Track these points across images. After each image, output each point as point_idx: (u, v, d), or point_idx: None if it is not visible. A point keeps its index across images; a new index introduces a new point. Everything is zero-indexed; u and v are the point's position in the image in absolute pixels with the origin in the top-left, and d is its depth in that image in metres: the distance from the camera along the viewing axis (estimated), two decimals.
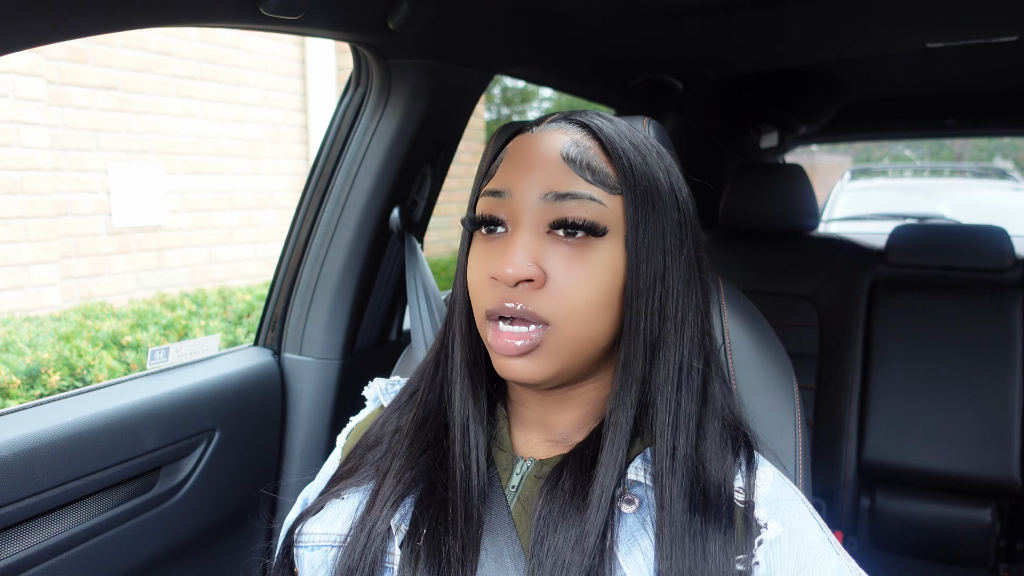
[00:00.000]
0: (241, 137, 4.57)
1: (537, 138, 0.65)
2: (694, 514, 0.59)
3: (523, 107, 10.36)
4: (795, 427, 0.88)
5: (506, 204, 0.63)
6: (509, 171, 0.64)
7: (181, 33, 4.16)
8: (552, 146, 0.63)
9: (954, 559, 1.98)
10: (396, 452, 0.70)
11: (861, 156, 14.56)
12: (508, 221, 0.64)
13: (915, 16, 1.47)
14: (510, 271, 0.60)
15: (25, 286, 3.46)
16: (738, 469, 0.64)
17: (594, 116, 0.66)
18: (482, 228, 0.65)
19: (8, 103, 3.34)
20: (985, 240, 2.10)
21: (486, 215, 0.65)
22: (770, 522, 0.61)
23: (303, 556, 0.71)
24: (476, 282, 0.65)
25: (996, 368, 1.97)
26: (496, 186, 0.65)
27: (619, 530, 0.61)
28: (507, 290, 0.61)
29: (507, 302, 0.61)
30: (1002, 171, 6.27)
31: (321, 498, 0.73)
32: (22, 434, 0.94)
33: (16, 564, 0.92)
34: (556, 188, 0.61)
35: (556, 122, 0.66)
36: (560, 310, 0.61)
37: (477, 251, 0.66)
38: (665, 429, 0.63)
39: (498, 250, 0.63)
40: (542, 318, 0.61)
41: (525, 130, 0.68)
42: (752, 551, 0.60)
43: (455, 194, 5.58)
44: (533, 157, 0.63)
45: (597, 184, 0.62)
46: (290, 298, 1.39)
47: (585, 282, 0.61)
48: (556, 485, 0.63)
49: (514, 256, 0.60)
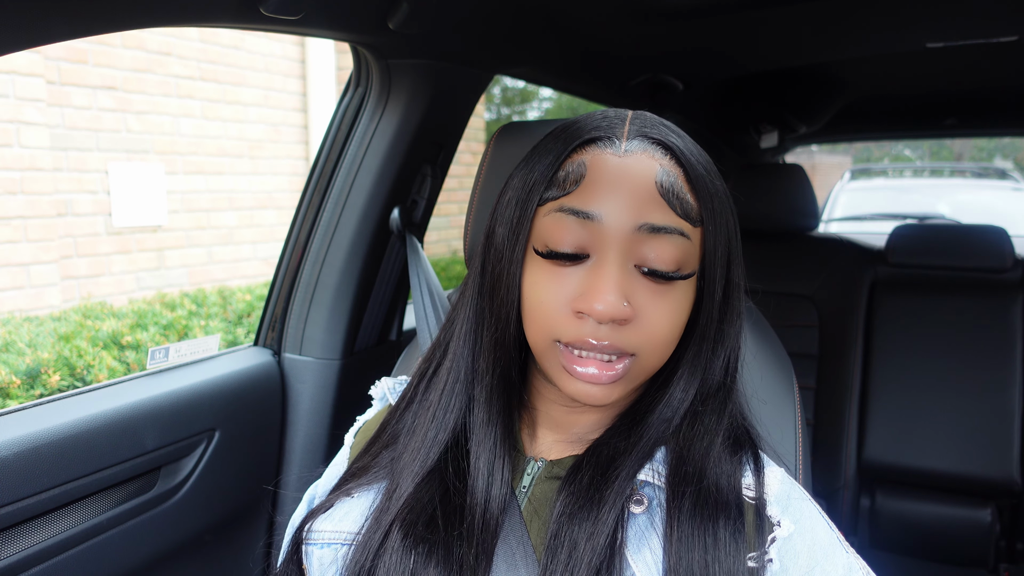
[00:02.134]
0: (241, 137, 4.57)
1: (625, 160, 0.60)
2: (703, 513, 0.60)
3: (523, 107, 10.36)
4: (795, 427, 0.88)
5: (594, 228, 0.59)
6: (598, 193, 0.59)
7: (181, 33, 4.16)
8: (644, 172, 0.60)
9: (954, 559, 1.98)
10: (410, 453, 0.69)
11: (861, 156, 14.56)
12: (592, 248, 0.60)
13: (915, 16, 1.47)
14: (602, 308, 0.57)
15: (25, 286, 3.46)
16: (746, 468, 0.65)
17: (670, 134, 0.62)
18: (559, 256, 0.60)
19: (8, 103, 3.34)
20: (985, 240, 2.10)
21: (576, 247, 0.60)
22: (783, 520, 0.62)
23: (312, 554, 0.71)
24: (549, 309, 0.61)
25: (996, 368, 1.97)
26: (584, 206, 0.59)
27: (628, 529, 0.62)
28: (593, 325, 0.59)
29: (593, 339, 0.59)
30: (1002, 171, 6.27)
31: (331, 496, 0.72)
32: (22, 434, 0.94)
33: (16, 564, 0.92)
34: (651, 220, 0.59)
35: (639, 141, 0.62)
36: (646, 343, 0.61)
37: (546, 274, 0.61)
38: (688, 433, 0.64)
39: (582, 281, 0.60)
40: (629, 352, 0.60)
41: (599, 140, 0.62)
42: (765, 548, 0.60)
43: (455, 194, 5.59)
44: (625, 181, 0.59)
45: (684, 217, 0.60)
46: (290, 298, 1.39)
47: (670, 315, 0.61)
48: (575, 482, 0.63)
49: (608, 294, 0.58)
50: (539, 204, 0.62)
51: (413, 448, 0.69)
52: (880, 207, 4.67)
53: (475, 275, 0.68)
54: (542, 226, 0.61)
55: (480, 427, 0.67)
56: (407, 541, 0.64)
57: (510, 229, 0.63)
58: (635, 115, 0.64)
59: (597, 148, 0.61)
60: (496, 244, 0.65)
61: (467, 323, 0.69)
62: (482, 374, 0.67)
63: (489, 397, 0.67)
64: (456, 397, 0.69)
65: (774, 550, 0.60)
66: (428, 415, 0.70)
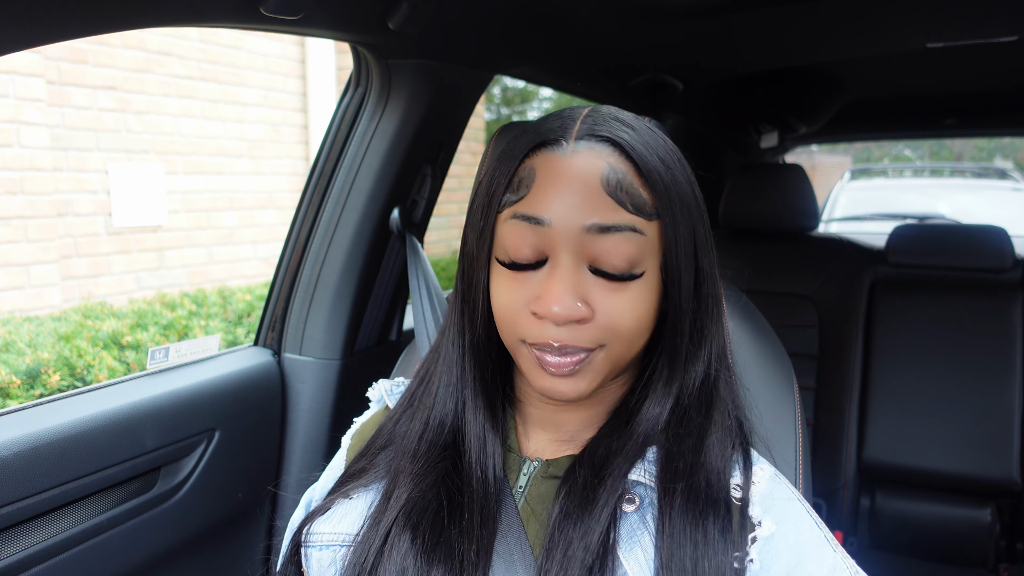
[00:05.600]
0: (241, 137, 4.57)
1: (571, 161, 0.60)
2: (694, 510, 0.60)
3: (523, 107, 10.36)
4: (795, 427, 0.88)
5: (545, 232, 0.59)
6: (546, 197, 0.60)
7: (181, 33, 4.16)
8: (590, 172, 0.59)
9: (954, 559, 1.98)
10: (408, 454, 0.70)
11: (861, 156, 14.56)
12: (547, 251, 0.60)
13: (915, 16, 1.47)
14: (557, 310, 0.58)
15: (25, 286, 3.46)
16: (735, 465, 0.65)
17: (619, 129, 0.62)
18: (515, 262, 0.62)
19: (8, 103, 3.34)
20: (985, 240, 2.10)
21: (532, 256, 0.60)
22: (764, 520, 0.62)
23: (311, 555, 0.71)
24: (510, 312, 0.62)
25: (996, 368, 1.97)
26: (533, 211, 0.60)
27: (621, 528, 0.62)
28: (553, 327, 0.60)
29: (553, 340, 0.60)
30: (1002, 171, 6.27)
31: (329, 498, 0.73)
32: (22, 434, 0.94)
33: (16, 564, 0.92)
34: (599, 220, 0.59)
35: (586, 141, 0.61)
36: (607, 335, 0.61)
37: (507, 278, 0.62)
38: (677, 430, 0.65)
39: (539, 283, 0.60)
40: (590, 348, 0.61)
41: (548, 143, 0.62)
42: (746, 548, 0.61)
43: (455, 194, 5.58)
44: (571, 183, 0.59)
45: (636, 213, 0.60)
46: (290, 298, 1.40)
47: (630, 309, 0.61)
48: (572, 482, 0.64)
49: (563, 296, 0.58)
50: (498, 211, 0.63)
51: (411, 449, 0.70)
52: (880, 207, 4.67)
53: (457, 281, 0.70)
54: (502, 233, 0.62)
55: (470, 426, 0.69)
56: (409, 540, 0.64)
57: (477, 235, 0.64)
58: (588, 112, 0.64)
59: (546, 151, 0.62)
60: (467, 251, 0.67)
61: (454, 327, 0.71)
62: (467, 376, 0.70)
63: (475, 397, 0.69)
64: (449, 399, 0.70)
65: (755, 550, 0.60)
66: (423, 417, 0.71)
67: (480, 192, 0.65)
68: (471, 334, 0.68)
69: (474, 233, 0.65)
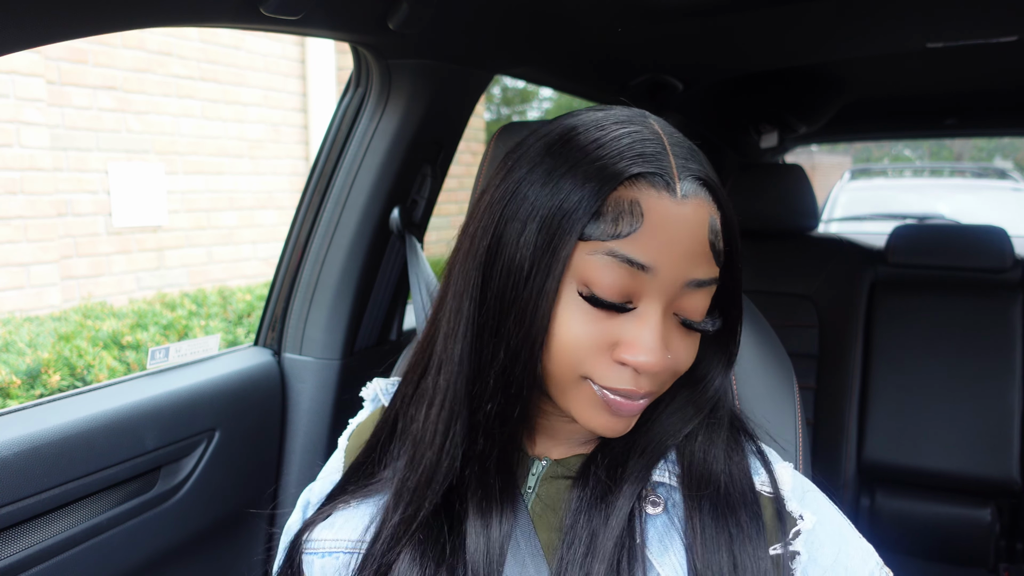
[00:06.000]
0: (241, 137, 4.57)
1: (682, 210, 0.56)
2: (724, 513, 0.61)
3: (523, 107, 10.36)
4: (795, 427, 0.88)
5: (645, 280, 0.56)
6: (656, 245, 0.55)
7: (181, 33, 4.16)
8: (699, 226, 0.57)
9: (954, 559, 1.99)
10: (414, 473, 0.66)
11: (861, 156, 14.56)
12: (638, 296, 0.57)
13: (915, 16, 1.47)
14: (650, 362, 0.56)
15: (25, 286, 3.46)
16: (754, 462, 0.67)
17: (706, 168, 0.60)
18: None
19: (8, 103, 3.34)
20: (985, 240, 2.10)
21: (619, 299, 0.56)
22: (804, 513, 0.63)
23: (313, 563, 0.70)
24: (581, 348, 0.57)
25: (996, 368, 1.97)
26: (639, 257, 0.55)
27: (648, 531, 0.62)
28: (633, 374, 0.58)
29: (633, 386, 0.58)
30: (1002, 171, 6.27)
31: (329, 506, 0.71)
32: (22, 434, 0.94)
33: (16, 564, 0.92)
34: (701, 276, 0.58)
35: (691, 184, 0.57)
36: (671, 377, 0.62)
37: (587, 315, 0.57)
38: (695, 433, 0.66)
39: (627, 329, 0.57)
40: (656, 390, 0.61)
41: (650, 178, 0.56)
42: (788, 542, 0.62)
43: (455, 194, 5.58)
44: (683, 236, 0.56)
45: (718, 264, 0.60)
46: (290, 298, 1.40)
47: (692, 352, 0.62)
48: (589, 477, 0.64)
49: (657, 348, 0.56)
50: (580, 237, 0.56)
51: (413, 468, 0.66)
52: (880, 207, 4.67)
53: (472, 289, 0.61)
54: (584, 265, 0.56)
55: (476, 459, 0.63)
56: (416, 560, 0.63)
57: (538, 256, 0.57)
58: (669, 139, 0.59)
59: (651, 189, 0.56)
60: (510, 266, 0.58)
61: (461, 341, 0.62)
62: (482, 401, 0.62)
63: (488, 426, 0.62)
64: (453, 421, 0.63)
65: (800, 543, 0.61)
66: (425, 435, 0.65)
67: (533, 203, 0.58)
68: (507, 362, 0.59)
69: (528, 251, 0.57)
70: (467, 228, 0.64)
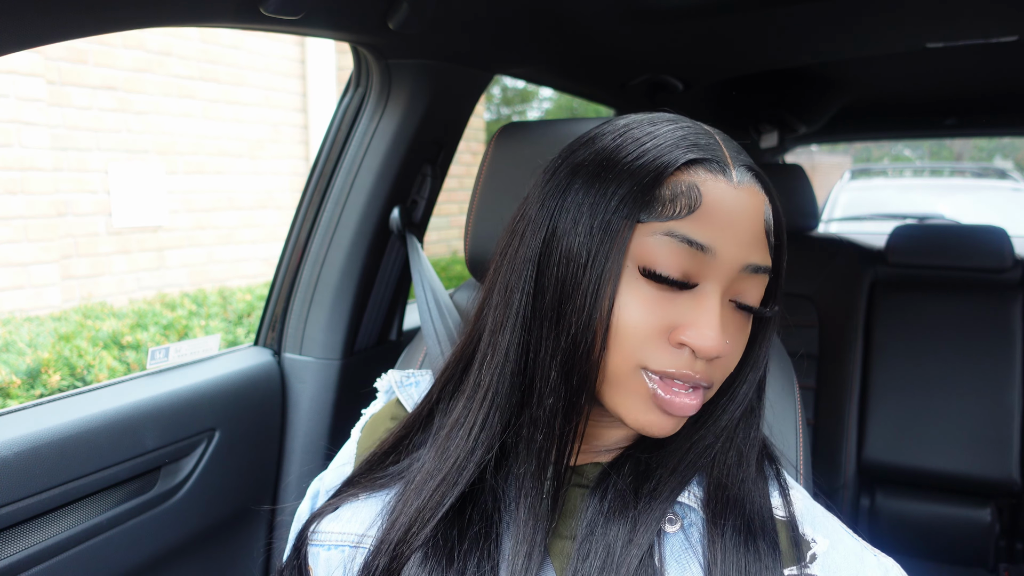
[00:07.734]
0: (241, 137, 4.57)
1: (739, 194, 0.58)
2: (744, 536, 0.60)
3: (523, 107, 10.37)
4: (795, 427, 0.88)
5: (704, 260, 0.56)
6: (715, 226, 0.56)
7: (181, 33, 4.16)
8: (756, 210, 0.58)
9: (954, 559, 1.99)
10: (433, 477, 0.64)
11: (861, 156, 14.56)
12: (698, 278, 0.57)
13: (915, 16, 1.47)
14: (709, 345, 0.55)
15: (25, 286, 3.46)
16: (772, 486, 0.66)
17: (757, 164, 0.62)
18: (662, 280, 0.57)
19: (8, 103, 3.34)
20: (985, 240, 2.10)
21: (683, 276, 0.56)
22: (816, 536, 0.63)
23: (319, 555, 0.69)
24: (641, 332, 0.57)
25: (996, 368, 1.97)
26: (699, 237, 0.56)
27: (666, 550, 0.61)
28: (690, 358, 0.57)
29: (690, 370, 0.57)
30: (1002, 171, 6.27)
31: (338, 497, 0.70)
32: (22, 434, 0.94)
33: (16, 564, 0.92)
34: (757, 261, 0.58)
35: (745, 172, 0.59)
36: (722, 376, 0.61)
37: (647, 297, 0.57)
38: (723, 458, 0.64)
39: (687, 311, 0.57)
40: (711, 384, 0.60)
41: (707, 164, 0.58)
42: (804, 565, 0.61)
43: (455, 194, 5.59)
44: (741, 218, 0.57)
45: (771, 255, 0.61)
46: (290, 298, 1.40)
47: (742, 348, 0.61)
48: (608, 488, 0.62)
49: (718, 329, 0.56)
50: (638, 219, 0.56)
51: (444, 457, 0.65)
52: (880, 207, 4.67)
53: (524, 282, 0.60)
54: (643, 246, 0.56)
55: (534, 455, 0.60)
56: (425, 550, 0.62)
57: (596, 242, 0.57)
58: (719, 136, 0.62)
59: (708, 173, 0.57)
60: (568, 255, 0.58)
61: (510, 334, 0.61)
62: (542, 396, 0.59)
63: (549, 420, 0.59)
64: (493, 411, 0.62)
65: (816, 567, 0.61)
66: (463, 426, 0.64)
67: (595, 192, 0.58)
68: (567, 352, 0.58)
69: (582, 237, 0.57)
70: (515, 226, 0.64)
